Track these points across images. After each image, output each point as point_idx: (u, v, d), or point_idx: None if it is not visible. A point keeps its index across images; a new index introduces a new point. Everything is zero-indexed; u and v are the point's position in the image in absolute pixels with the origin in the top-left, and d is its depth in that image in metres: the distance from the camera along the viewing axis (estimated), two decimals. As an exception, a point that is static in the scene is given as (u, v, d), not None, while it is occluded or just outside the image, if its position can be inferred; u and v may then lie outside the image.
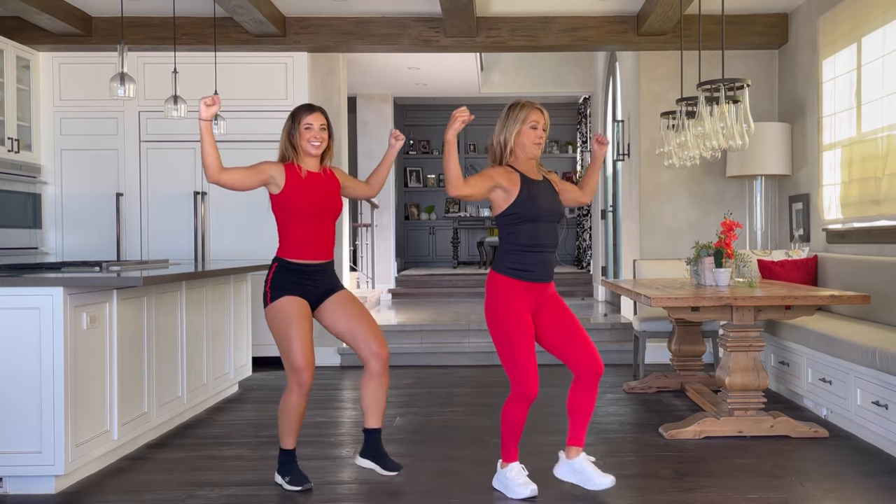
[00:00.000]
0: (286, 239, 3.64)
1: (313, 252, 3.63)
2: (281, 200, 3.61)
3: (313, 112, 3.67)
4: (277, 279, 3.60)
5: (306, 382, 3.57)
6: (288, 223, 3.62)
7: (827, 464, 3.97)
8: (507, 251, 3.51)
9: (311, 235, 3.62)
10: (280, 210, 3.63)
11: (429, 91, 11.46)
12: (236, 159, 6.87)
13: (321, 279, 3.67)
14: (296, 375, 3.56)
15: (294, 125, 3.65)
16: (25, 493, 3.60)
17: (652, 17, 6.39)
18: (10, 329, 3.56)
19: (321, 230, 3.65)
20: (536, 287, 3.50)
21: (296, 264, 3.61)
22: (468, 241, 14.26)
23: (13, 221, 6.43)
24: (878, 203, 5.26)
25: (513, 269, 3.47)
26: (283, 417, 3.66)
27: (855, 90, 5.59)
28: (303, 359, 3.54)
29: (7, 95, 6.39)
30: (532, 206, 3.47)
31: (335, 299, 3.70)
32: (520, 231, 3.48)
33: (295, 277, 3.60)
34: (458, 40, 6.96)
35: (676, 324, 5.60)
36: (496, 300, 3.48)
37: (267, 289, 3.62)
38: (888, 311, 4.82)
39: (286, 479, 3.65)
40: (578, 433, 3.57)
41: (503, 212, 3.51)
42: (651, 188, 7.17)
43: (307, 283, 3.62)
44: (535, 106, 3.56)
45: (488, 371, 6.64)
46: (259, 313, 6.79)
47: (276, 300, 3.57)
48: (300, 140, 3.64)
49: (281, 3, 6.58)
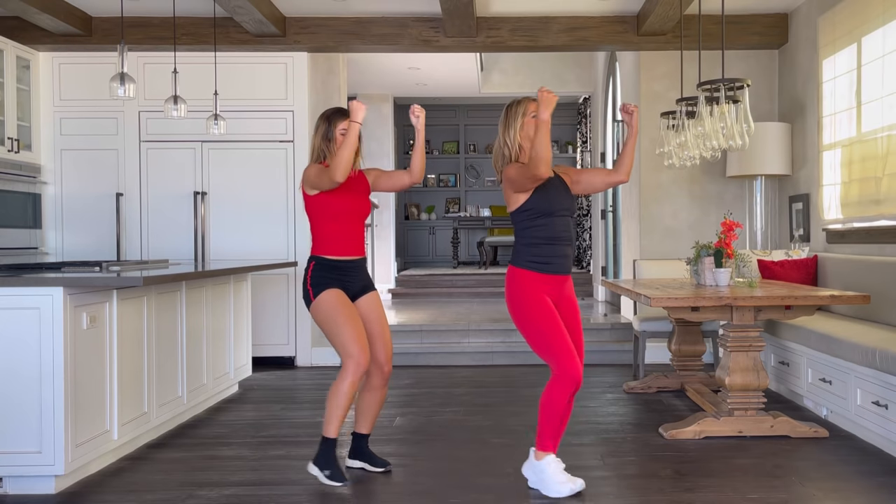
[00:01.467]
0: (321, 237, 3.75)
1: (349, 248, 3.76)
2: (318, 201, 3.72)
3: (347, 117, 3.75)
4: (316, 276, 3.72)
5: (364, 365, 3.64)
6: (323, 223, 3.74)
7: (827, 464, 3.97)
8: (525, 245, 3.56)
9: (345, 234, 3.75)
10: (316, 210, 3.74)
11: (429, 91, 11.46)
12: (236, 159, 6.92)
13: (356, 275, 3.79)
14: (353, 360, 3.62)
15: (330, 128, 3.76)
16: (25, 493, 3.60)
17: (652, 17, 6.39)
18: (10, 329, 3.56)
19: (353, 229, 3.78)
20: (556, 280, 3.56)
21: (332, 261, 3.73)
22: (468, 241, 14.26)
23: (13, 221, 6.43)
24: (878, 203, 5.26)
25: (532, 262, 3.52)
26: (335, 401, 3.65)
27: (855, 90, 5.59)
28: (357, 343, 3.63)
29: (7, 95, 6.39)
30: (547, 201, 3.53)
31: (368, 300, 3.83)
32: (536, 226, 3.53)
33: (333, 273, 3.72)
34: (458, 40, 6.96)
35: (676, 324, 5.60)
36: (520, 293, 3.52)
37: (308, 287, 3.72)
38: (888, 311, 4.82)
39: (325, 472, 3.66)
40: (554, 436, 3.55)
41: (519, 207, 3.56)
42: (651, 188, 7.17)
43: (345, 278, 3.75)
44: (531, 98, 3.63)
45: (488, 371, 6.65)
46: (259, 313, 6.80)
47: (319, 295, 3.68)
48: (335, 144, 3.75)
49: (281, 3, 6.58)
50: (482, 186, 14.47)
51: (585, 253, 11.93)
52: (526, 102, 3.62)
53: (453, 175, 14.46)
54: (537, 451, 3.55)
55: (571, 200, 3.66)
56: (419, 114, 3.87)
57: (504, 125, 3.63)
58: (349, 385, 3.63)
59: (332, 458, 3.68)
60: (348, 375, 3.63)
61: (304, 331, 6.96)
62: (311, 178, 3.70)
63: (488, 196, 14.40)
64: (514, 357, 6.95)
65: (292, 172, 6.91)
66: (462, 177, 14.45)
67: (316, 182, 3.68)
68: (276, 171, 6.92)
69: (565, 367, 3.44)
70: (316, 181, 3.67)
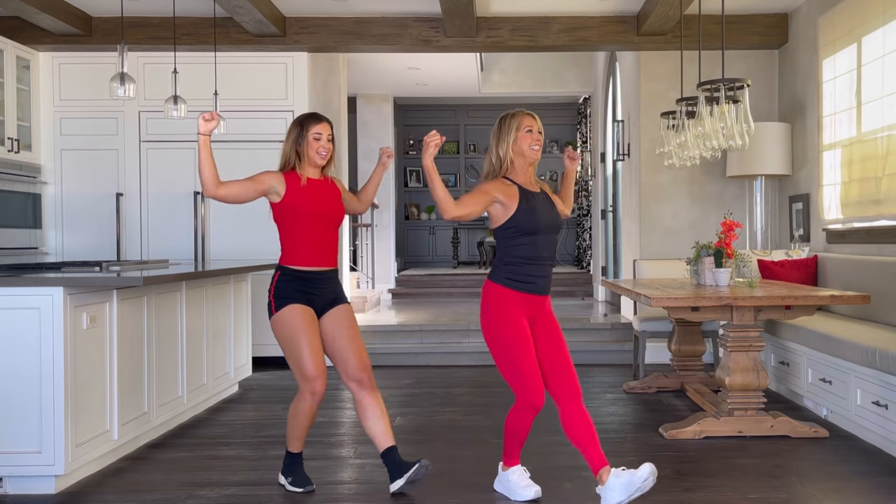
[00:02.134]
0: (288, 246, 3.59)
1: (316, 259, 3.58)
2: (282, 208, 3.58)
3: (322, 122, 3.62)
4: (281, 287, 3.55)
5: (319, 391, 3.53)
6: (289, 230, 3.58)
7: (827, 464, 3.97)
8: (505, 262, 3.46)
9: (313, 242, 3.57)
10: (281, 217, 3.60)
11: (429, 91, 11.46)
12: (236, 159, 6.92)
13: (326, 287, 3.61)
14: (308, 385, 3.52)
15: (302, 133, 3.60)
16: (25, 493, 3.60)
17: (652, 17, 6.39)
18: (10, 329, 3.56)
19: (323, 237, 3.60)
20: (533, 299, 3.46)
21: (299, 272, 3.56)
22: (468, 241, 14.26)
23: (13, 221, 6.43)
24: (878, 203, 5.26)
25: (510, 280, 3.43)
26: (293, 422, 3.63)
27: (855, 90, 5.59)
28: (315, 368, 3.50)
29: (7, 95, 6.39)
30: (531, 219, 3.42)
31: (337, 313, 3.63)
32: (518, 244, 3.44)
33: (299, 285, 3.55)
34: (458, 40, 6.96)
35: (676, 324, 5.60)
36: (493, 310, 3.43)
37: (271, 298, 3.56)
38: (888, 311, 4.82)
39: (289, 479, 3.65)
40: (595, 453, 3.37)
41: (502, 225, 3.45)
42: (651, 188, 7.17)
43: (312, 290, 3.57)
44: (525, 112, 3.53)
45: (488, 371, 6.64)
46: (259, 313, 6.79)
47: (282, 309, 3.53)
48: (307, 149, 3.59)
49: (281, 3, 6.58)
50: (482, 186, 14.44)
51: (585, 253, 11.93)
52: (520, 116, 3.49)
53: (453, 175, 14.45)
54: (504, 465, 3.60)
55: (557, 218, 3.55)
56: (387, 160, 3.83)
57: (496, 138, 3.51)
58: (307, 408, 3.57)
59: (296, 468, 3.66)
60: (306, 399, 3.55)
61: (304, 331, 6.95)
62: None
63: (488, 196, 14.36)
64: (514, 357, 6.93)
65: (292, 172, 6.89)
66: (462, 177, 14.45)
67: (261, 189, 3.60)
68: (276, 171, 6.91)
69: (528, 395, 3.38)
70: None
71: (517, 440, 3.53)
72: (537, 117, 3.56)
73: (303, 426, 3.61)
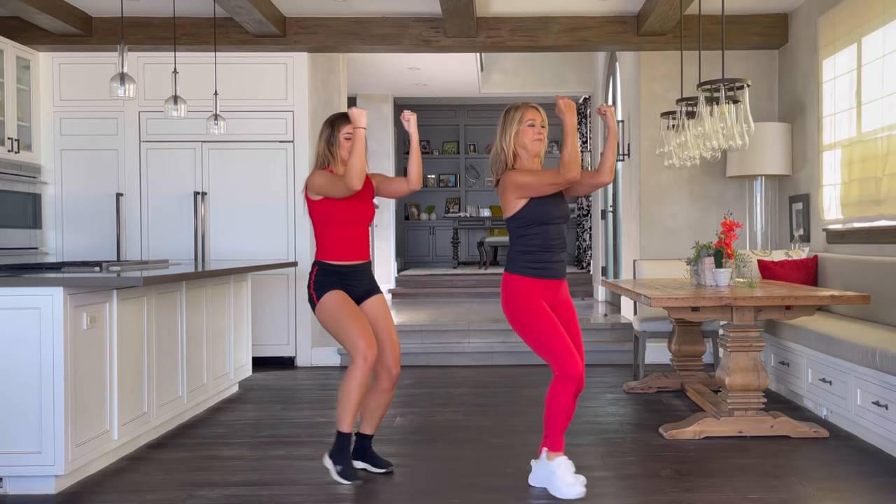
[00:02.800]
0: (325, 243, 3.77)
1: (351, 253, 3.77)
2: (322, 207, 3.73)
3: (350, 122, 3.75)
4: (319, 281, 3.75)
5: (371, 357, 3.65)
6: (326, 228, 3.75)
7: (827, 464, 3.97)
8: (520, 251, 3.57)
9: (349, 238, 3.76)
10: (320, 215, 3.75)
11: (429, 91, 11.46)
12: (236, 159, 6.92)
13: (360, 279, 3.80)
14: (360, 353, 3.64)
15: (333, 133, 3.77)
16: (25, 493, 3.60)
17: (652, 18, 6.39)
18: (10, 329, 3.56)
19: (357, 234, 3.79)
20: (551, 284, 3.57)
21: (335, 266, 3.75)
22: (468, 241, 14.26)
23: (13, 221, 6.43)
24: (878, 203, 5.26)
25: (527, 268, 3.54)
26: (348, 396, 3.66)
27: (855, 90, 5.59)
28: (364, 337, 3.64)
29: (7, 95, 6.39)
30: (542, 210, 3.54)
31: (373, 303, 3.84)
32: (531, 233, 3.55)
33: (335, 278, 3.74)
34: (458, 40, 6.96)
35: (676, 324, 5.60)
36: (516, 298, 3.54)
37: (311, 291, 3.76)
38: (888, 311, 4.82)
39: (338, 468, 3.68)
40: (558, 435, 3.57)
41: (514, 215, 3.56)
42: (651, 188, 7.17)
43: (348, 282, 3.76)
44: (529, 105, 3.59)
45: (488, 371, 6.65)
46: (259, 313, 6.80)
47: (323, 297, 3.71)
48: (339, 148, 3.76)
49: (281, 3, 6.58)
50: (482, 187, 14.47)
51: (585, 253, 11.93)
52: (524, 109, 3.56)
53: (453, 175, 14.46)
54: (549, 452, 3.57)
55: (566, 207, 3.67)
56: (409, 117, 3.88)
57: (501, 130, 3.60)
58: (360, 378, 3.65)
59: (345, 454, 3.70)
60: (358, 369, 3.64)
61: (304, 331, 6.96)
62: (319, 185, 3.69)
63: (488, 196, 14.40)
64: (515, 357, 6.95)
65: (292, 173, 6.91)
66: (462, 177, 14.45)
67: (327, 189, 3.67)
68: (277, 172, 6.92)
69: (565, 366, 3.47)
70: (327, 189, 3.67)
71: (561, 419, 3.53)
72: (541, 110, 3.61)
73: (357, 400, 3.67)
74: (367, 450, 3.88)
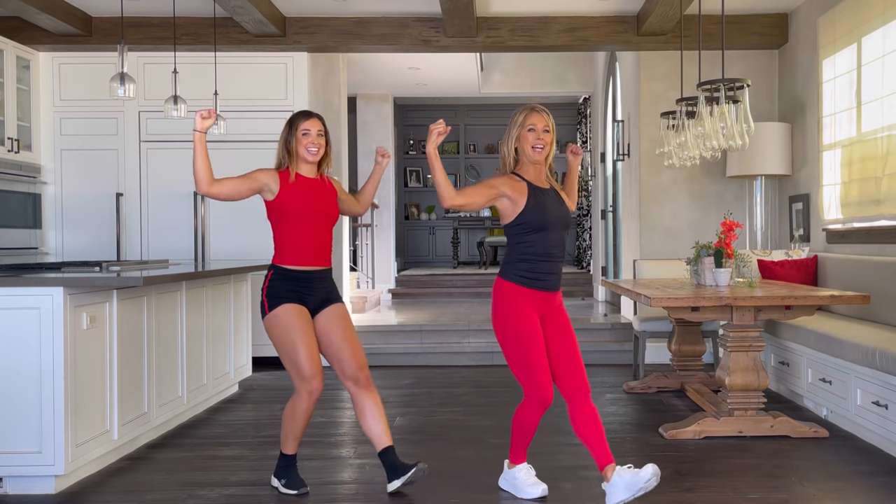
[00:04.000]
0: (282, 245, 3.57)
1: (310, 258, 3.56)
2: (275, 205, 3.57)
3: (311, 118, 3.63)
4: (274, 287, 3.54)
5: (317, 390, 3.51)
6: (283, 229, 3.57)
7: (827, 464, 3.97)
8: (515, 259, 3.47)
9: (307, 241, 3.56)
10: (275, 215, 3.59)
11: (429, 91, 11.46)
12: (236, 159, 6.91)
13: (318, 287, 3.60)
14: (305, 384, 3.48)
15: (291, 131, 3.62)
16: (25, 493, 3.60)
17: (652, 17, 6.39)
18: (10, 329, 3.56)
19: (317, 236, 3.59)
20: (544, 296, 3.48)
21: (292, 271, 3.54)
22: (468, 241, 14.26)
23: (13, 221, 6.43)
24: (878, 203, 5.26)
25: (521, 277, 3.44)
26: (289, 422, 3.59)
27: (855, 90, 5.59)
28: (312, 367, 3.47)
29: (7, 95, 6.39)
30: (540, 215, 3.42)
31: (330, 313, 3.61)
32: (528, 240, 3.44)
33: (292, 285, 3.53)
34: (458, 40, 6.96)
35: (676, 324, 5.60)
36: (505, 307, 3.46)
37: (264, 297, 3.55)
38: (888, 311, 4.82)
39: (282, 481, 3.62)
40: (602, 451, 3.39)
41: (512, 221, 3.46)
42: (651, 188, 7.17)
43: (304, 290, 3.55)
44: (534, 109, 3.47)
45: (488, 371, 6.64)
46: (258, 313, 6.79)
47: (275, 308, 3.51)
48: (297, 146, 3.60)
49: (281, 3, 6.58)
50: (482, 186, 14.44)
51: (585, 253, 11.93)
52: (527, 112, 3.46)
53: (453, 175, 14.45)
54: (510, 463, 3.61)
55: (566, 213, 3.56)
56: (384, 156, 3.81)
57: (506, 133, 3.52)
58: (304, 409, 3.53)
59: (290, 470, 3.63)
60: (303, 398, 3.50)
61: (304, 331, 6.95)
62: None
63: (488, 196, 14.37)
64: (514, 357, 6.94)
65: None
66: (462, 177, 14.44)
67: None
68: (276, 171, 6.91)
69: (535, 391, 3.40)
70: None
71: (524, 438, 3.54)
72: (546, 114, 3.49)
73: (299, 427, 3.59)
74: (396, 464, 3.56)
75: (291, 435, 3.62)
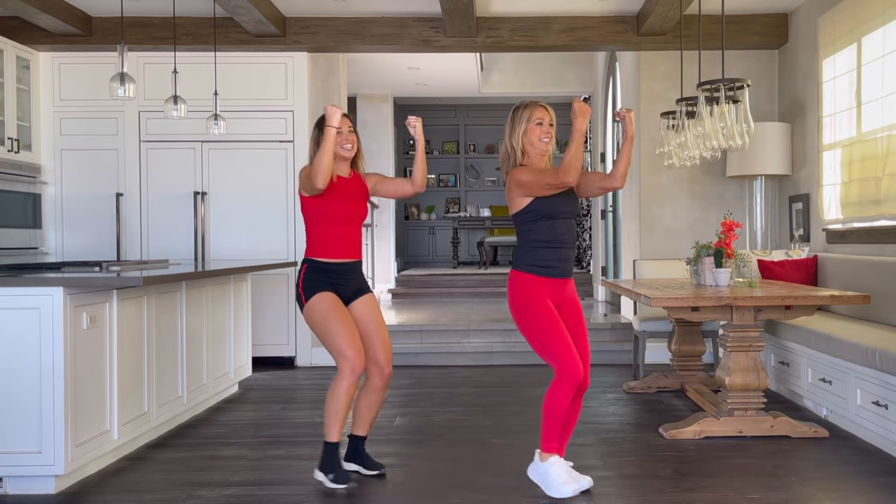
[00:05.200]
0: (315, 240, 3.72)
1: (341, 251, 3.72)
2: (313, 204, 3.69)
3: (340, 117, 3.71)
4: (309, 279, 3.69)
5: (359, 367, 3.62)
6: (317, 226, 3.71)
7: (827, 464, 3.97)
8: (527, 249, 3.56)
9: (339, 238, 3.72)
10: (310, 213, 3.72)
11: (429, 91, 11.46)
12: (236, 159, 6.92)
13: (350, 278, 3.76)
14: (348, 362, 3.59)
15: (321, 134, 3.68)
16: (25, 493, 3.60)
17: (652, 17, 6.39)
18: (10, 329, 3.56)
19: (348, 233, 3.75)
20: (557, 283, 3.58)
21: (325, 263, 3.70)
22: (468, 241, 14.26)
23: (13, 221, 6.43)
24: (878, 203, 5.26)
25: (534, 266, 3.54)
26: (333, 405, 3.63)
27: (855, 90, 5.58)
28: (352, 346, 3.60)
29: (7, 95, 6.39)
30: (550, 204, 3.52)
31: (363, 302, 3.79)
32: (539, 228, 3.54)
33: (325, 276, 3.69)
34: (458, 40, 6.96)
35: (676, 324, 5.60)
36: (521, 296, 3.54)
37: (300, 290, 3.70)
38: (888, 311, 4.82)
39: (330, 476, 3.64)
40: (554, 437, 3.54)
41: (522, 209, 3.55)
42: (651, 188, 7.17)
43: (338, 281, 3.71)
44: (538, 104, 3.59)
45: (488, 371, 6.65)
46: (259, 313, 6.80)
47: (312, 297, 3.66)
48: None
49: (281, 3, 6.58)
50: (482, 186, 14.47)
51: (585, 253, 11.93)
52: (532, 107, 3.56)
53: (453, 175, 14.46)
54: (541, 453, 3.56)
55: (575, 202, 3.65)
56: (415, 123, 3.84)
57: (510, 128, 3.60)
58: (347, 388, 3.60)
59: (335, 461, 3.67)
60: (345, 378, 3.60)
61: (304, 331, 6.96)
62: (301, 179, 3.71)
63: (488, 196, 14.40)
64: (514, 357, 6.95)
65: (292, 172, 6.91)
66: (462, 177, 14.45)
67: (303, 184, 3.68)
68: (276, 172, 6.92)
69: (566, 366, 3.45)
70: (304, 183, 3.67)
71: (558, 422, 3.50)
72: (550, 109, 3.61)
73: (342, 407, 3.64)
74: (361, 451, 3.84)
75: (335, 418, 3.64)
